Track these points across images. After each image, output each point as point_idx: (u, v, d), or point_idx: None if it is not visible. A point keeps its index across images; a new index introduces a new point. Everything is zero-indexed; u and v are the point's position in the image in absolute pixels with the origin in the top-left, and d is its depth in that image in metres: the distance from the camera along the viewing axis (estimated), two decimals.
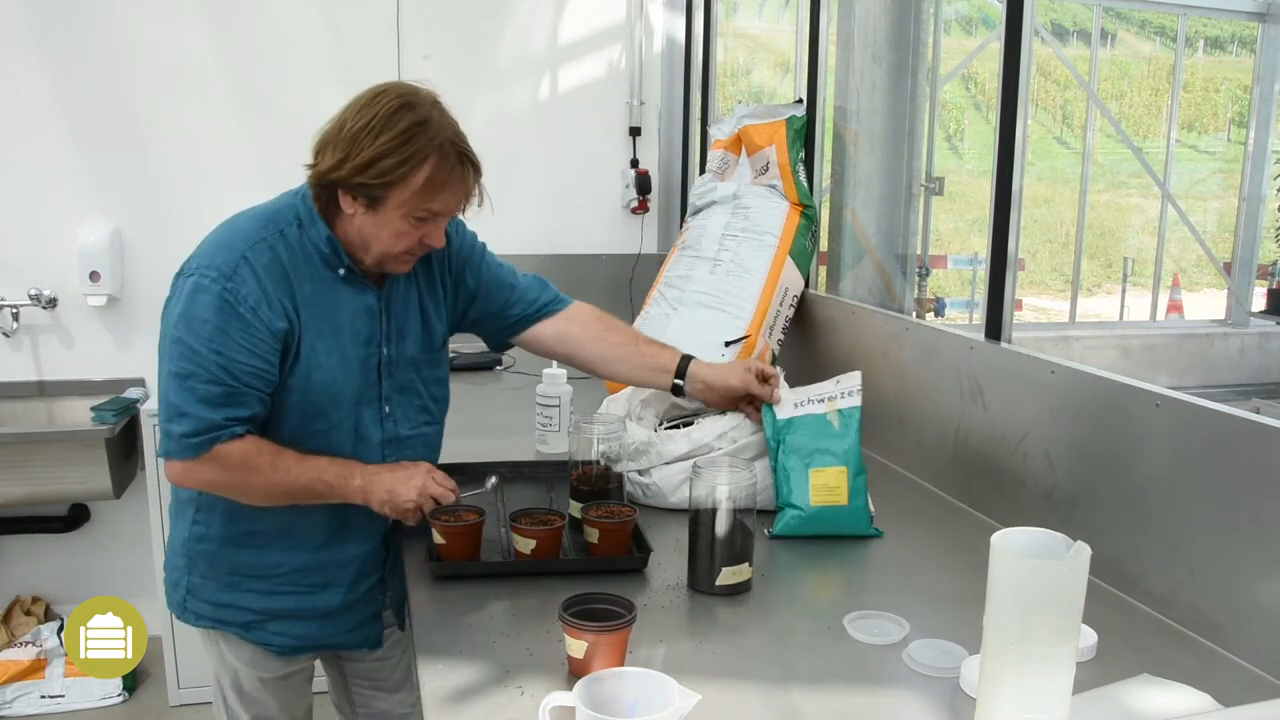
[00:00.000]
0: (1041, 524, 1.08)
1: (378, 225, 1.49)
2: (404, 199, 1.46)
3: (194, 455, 1.46)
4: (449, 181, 1.47)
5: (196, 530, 1.62)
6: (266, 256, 1.48)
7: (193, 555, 1.63)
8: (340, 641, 1.73)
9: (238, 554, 1.61)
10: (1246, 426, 1.33)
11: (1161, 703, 1.16)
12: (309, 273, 1.52)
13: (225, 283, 1.45)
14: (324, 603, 1.66)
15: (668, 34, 3.63)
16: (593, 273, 3.56)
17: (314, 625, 1.67)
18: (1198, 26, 11.59)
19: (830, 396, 1.78)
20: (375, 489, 1.52)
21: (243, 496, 1.53)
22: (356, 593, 1.68)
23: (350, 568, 1.66)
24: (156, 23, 3.18)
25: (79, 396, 3.23)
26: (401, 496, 1.52)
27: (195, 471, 1.48)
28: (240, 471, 1.48)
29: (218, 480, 1.50)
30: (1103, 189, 11.41)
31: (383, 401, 1.62)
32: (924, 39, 2.62)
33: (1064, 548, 1.00)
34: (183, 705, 3.04)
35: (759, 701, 1.20)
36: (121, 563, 3.27)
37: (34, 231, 3.18)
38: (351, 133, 1.44)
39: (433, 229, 1.52)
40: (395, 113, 1.44)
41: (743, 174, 2.69)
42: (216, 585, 1.63)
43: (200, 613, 1.66)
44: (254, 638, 1.66)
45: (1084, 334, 5.22)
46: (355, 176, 1.44)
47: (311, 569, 1.63)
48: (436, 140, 1.45)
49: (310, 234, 1.52)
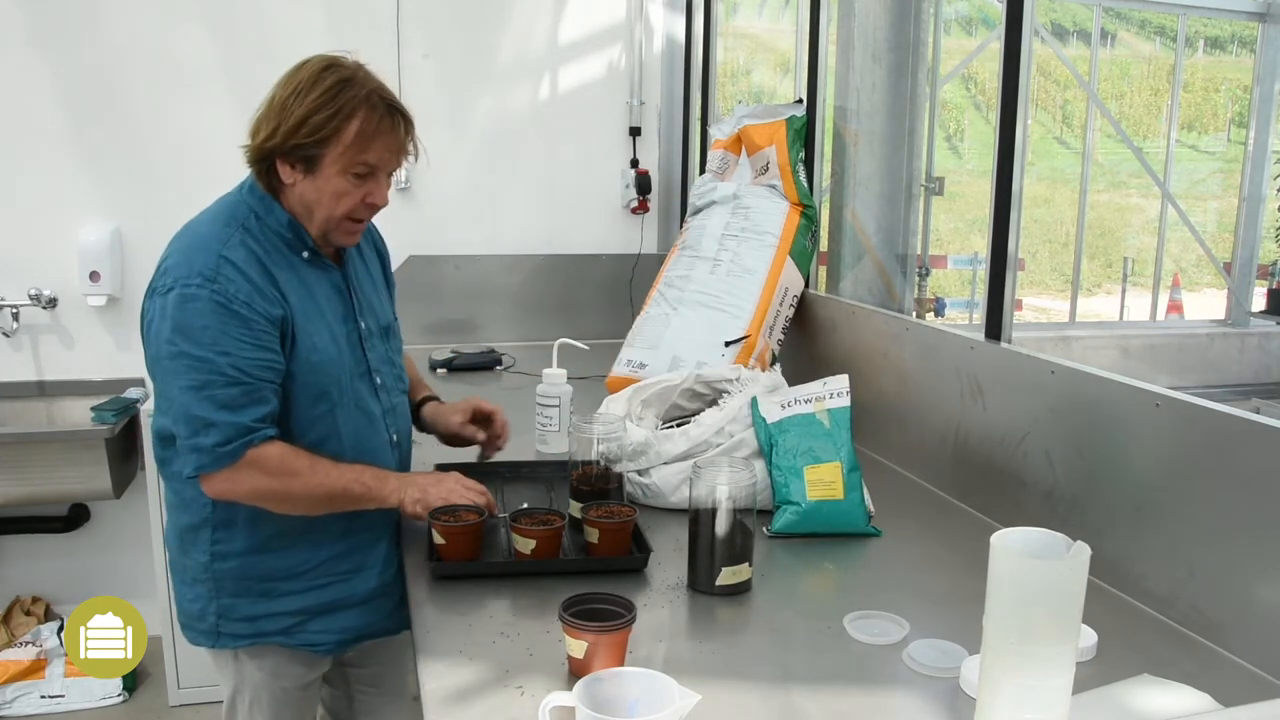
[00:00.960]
0: (1041, 524, 1.08)
1: (318, 188, 1.51)
2: (338, 154, 1.49)
3: (230, 463, 1.45)
4: (379, 132, 1.50)
5: (218, 549, 1.59)
6: (241, 252, 1.50)
7: (219, 576, 1.60)
8: (381, 628, 1.73)
9: (267, 560, 1.60)
10: (1246, 426, 1.33)
11: (1161, 703, 1.16)
12: (280, 260, 1.54)
13: (212, 286, 1.45)
14: (360, 588, 1.66)
15: (668, 34, 3.63)
16: (593, 273, 3.56)
17: (354, 615, 1.67)
18: (1198, 26, 11.58)
19: (818, 397, 1.79)
20: (409, 489, 1.57)
21: (284, 504, 1.52)
22: (389, 573, 1.70)
23: (379, 547, 1.68)
24: (157, 23, 3.18)
25: (79, 396, 3.23)
26: (433, 495, 1.57)
27: (238, 480, 1.47)
28: (281, 476, 1.49)
29: (261, 487, 1.49)
30: (1103, 189, 11.41)
31: (372, 373, 1.66)
32: (924, 39, 2.62)
33: (1064, 548, 1.00)
34: (183, 705, 3.04)
35: (759, 701, 1.20)
36: (121, 563, 3.27)
37: (34, 231, 3.18)
38: (280, 101, 1.49)
39: (374, 186, 1.54)
40: (320, 73, 1.49)
41: (743, 174, 2.69)
42: (251, 599, 1.61)
43: (238, 633, 1.63)
44: (296, 642, 1.64)
45: (1084, 334, 5.22)
46: (290, 139, 1.47)
47: (342, 556, 1.64)
48: (363, 92, 1.49)
49: (270, 222, 1.54)
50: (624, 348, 2.62)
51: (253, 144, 1.52)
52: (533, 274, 3.53)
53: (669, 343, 2.49)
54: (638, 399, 1.96)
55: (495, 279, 3.49)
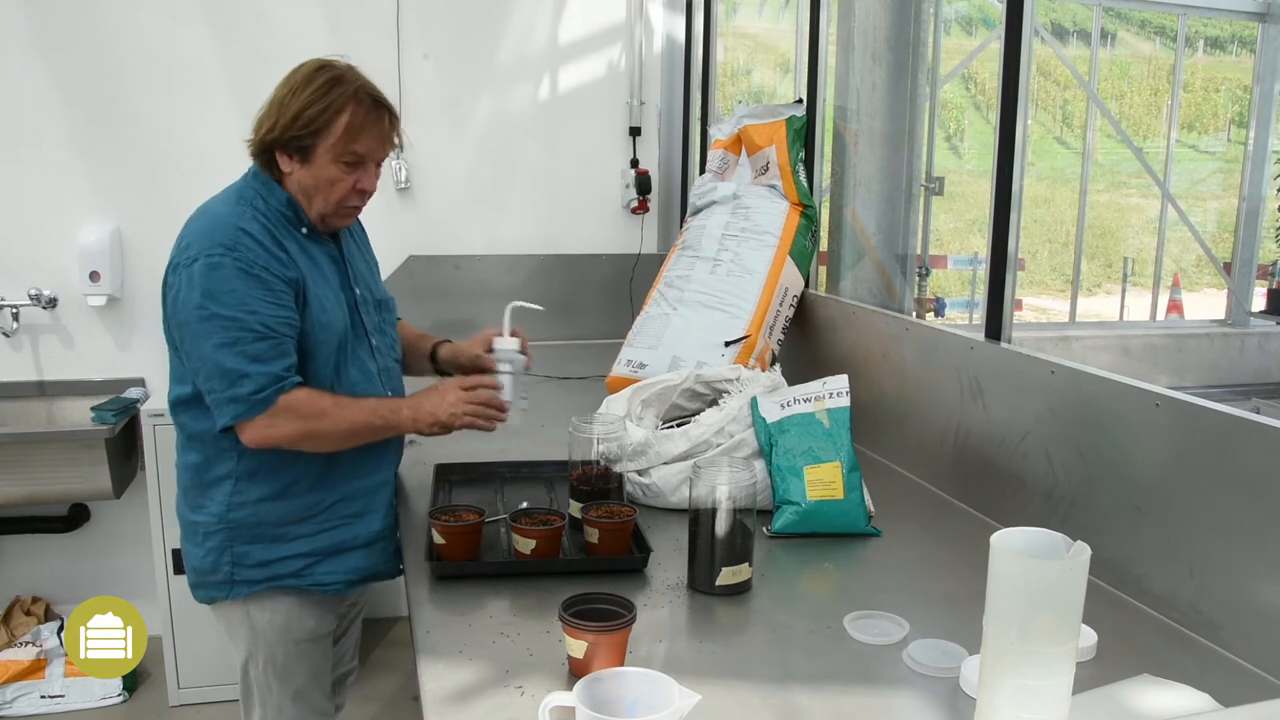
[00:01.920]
0: (1041, 524, 1.08)
1: (313, 176, 1.68)
2: (330, 144, 1.66)
3: (266, 409, 1.60)
4: (367, 124, 1.67)
5: (237, 499, 1.71)
6: (255, 224, 1.65)
7: (234, 526, 1.72)
8: (385, 569, 1.85)
9: (284, 505, 1.72)
10: (1246, 426, 1.33)
11: (1161, 703, 1.16)
12: (285, 233, 1.70)
13: (234, 254, 1.60)
14: (366, 529, 1.80)
15: (668, 34, 3.63)
16: (593, 273, 3.56)
17: (360, 556, 1.80)
18: (1198, 26, 11.59)
19: (817, 396, 1.79)
20: (421, 415, 1.70)
21: (315, 441, 1.67)
22: (391, 517, 1.84)
23: (382, 493, 1.82)
24: (157, 23, 3.18)
25: (79, 396, 3.23)
26: (445, 413, 1.69)
27: (275, 426, 1.61)
28: (312, 417, 1.63)
29: (296, 430, 1.63)
30: (1103, 189, 11.42)
31: (369, 336, 1.81)
32: (924, 39, 2.62)
33: (1064, 548, 1.00)
34: (183, 705, 3.04)
35: (759, 701, 1.20)
36: (121, 563, 3.27)
37: (34, 231, 3.18)
38: (278, 99, 1.67)
39: (364, 174, 1.71)
40: (313, 73, 1.67)
41: (743, 174, 2.69)
42: (264, 544, 1.73)
43: (252, 579, 1.74)
44: (307, 583, 1.76)
45: (1084, 334, 5.22)
46: (286, 132, 1.65)
47: (350, 498, 1.77)
48: (351, 89, 1.66)
49: (272, 202, 1.70)
50: (624, 348, 2.62)
51: (255, 138, 1.69)
52: (533, 274, 3.53)
53: (669, 343, 2.49)
54: (638, 399, 1.96)
55: (495, 279, 3.48)
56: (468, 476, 1.96)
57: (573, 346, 3.40)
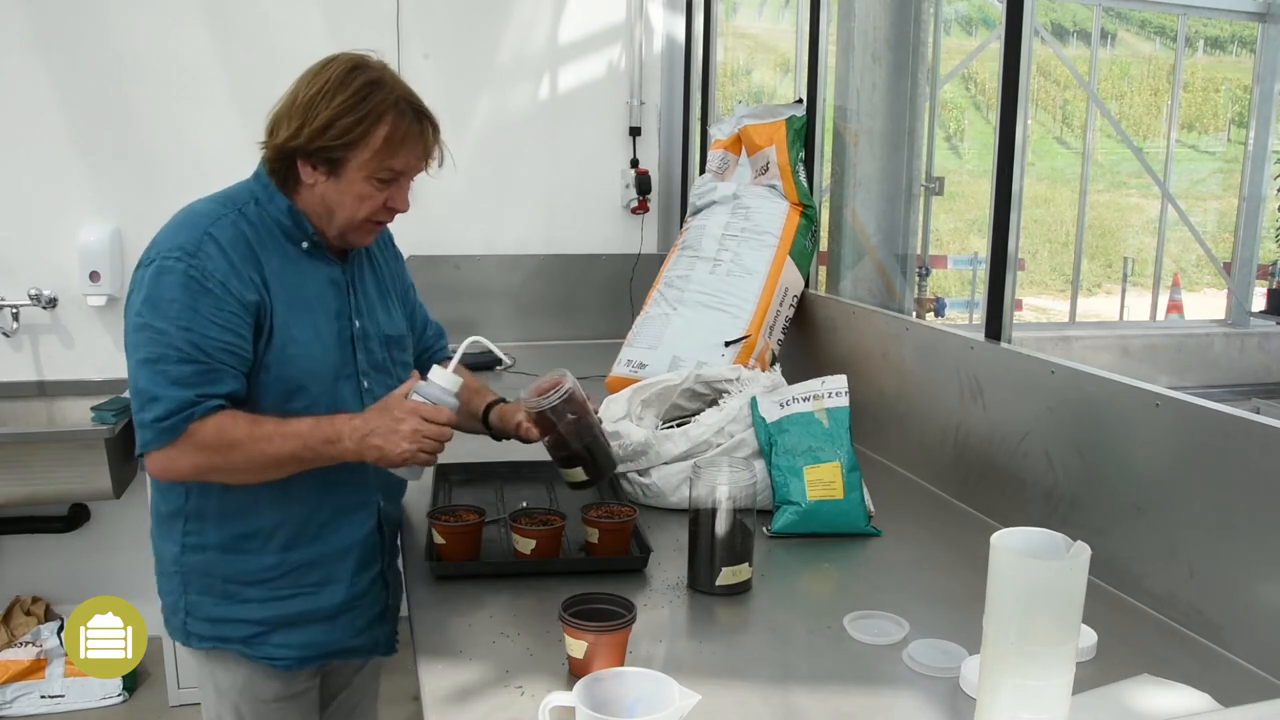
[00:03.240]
0: (1041, 524, 1.08)
1: (340, 191, 1.48)
2: (364, 159, 1.45)
3: (171, 439, 1.38)
4: (408, 137, 1.47)
5: (189, 541, 1.54)
6: (230, 232, 1.45)
7: (186, 571, 1.55)
8: (349, 647, 1.64)
9: (234, 560, 1.54)
10: (1246, 426, 1.33)
11: (1161, 703, 1.16)
12: (273, 246, 1.49)
13: (190, 260, 1.41)
14: (326, 601, 1.58)
15: (668, 34, 3.63)
16: (593, 273, 3.56)
17: (319, 630, 1.59)
18: (1198, 26, 11.59)
19: (816, 395, 1.79)
20: (366, 448, 1.42)
21: (231, 476, 1.45)
22: (358, 587, 1.61)
23: (349, 559, 1.59)
24: (157, 23, 3.18)
25: (79, 396, 3.22)
26: (393, 452, 1.41)
27: (176, 459, 1.40)
28: (220, 450, 1.40)
29: (200, 464, 1.41)
30: (1103, 189, 11.42)
31: (360, 377, 1.57)
32: (924, 39, 2.62)
33: (1064, 548, 1.00)
34: (183, 705, 3.03)
35: (759, 701, 1.20)
36: (121, 563, 3.27)
37: (34, 231, 3.18)
38: (305, 100, 1.44)
39: (396, 191, 1.51)
40: (348, 74, 1.44)
41: (743, 174, 2.69)
42: (214, 599, 1.55)
43: (201, 633, 1.57)
44: (256, 653, 1.56)
45: (1084, 334, 5.22)
46: (314, 141, 1.43)
47: (310, 565, 1.56)
48: (392, 97, 1.45)
49: (269, 209, 1.50)
50: (624, 348, 2.62)
51: (272, 142, 1.47)
52: (533, 274, 3.53)
53: (669, 343, 2.49)
54: (638, 399, 1.96)
55: (495, 279, 3.49)
56: (468, 476, 1.96)
57: (573, 346, 3.41)
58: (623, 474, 1.85)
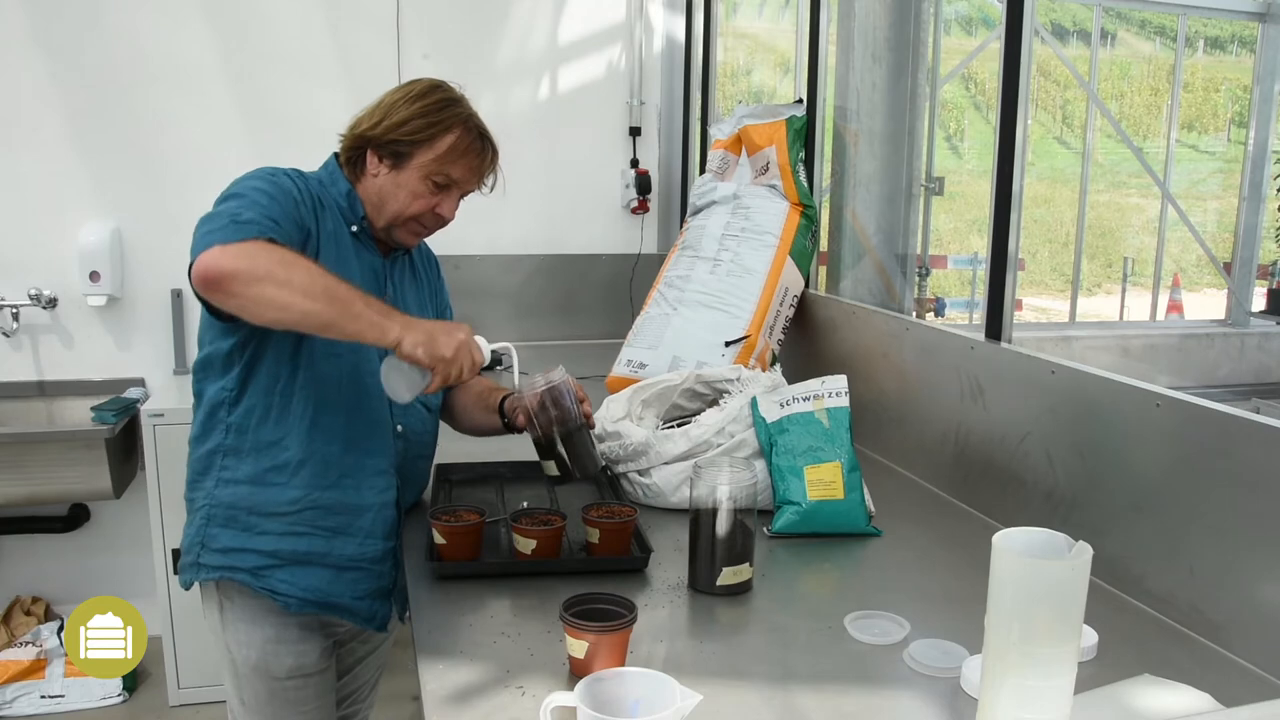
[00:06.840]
0: (1042, 524, 1.08)
1: (397, 184, 1.63)
2: (427, 159, 1.62)
3: (242, 237, 1.39)
4: (469, 152, 1.65)
5: (224, 476, 1.61)
6: (302, 183, 1.60)
7: (214, 504, 1.62)
8: (347, 605, 1.68)
9: (260, 493, 1.61)
10: (1246, 426, 1.33)
11: (1162, 703, 1.16)
12: (330, 217, 1.63)
13: (270, 176, 1.55)
14: (338, 550, 1.64)
15: (668, 34, 3.64)
16: (593, 273, 3.56)
17: (325, 576, 1.65)
18: (1198, 26, 11.58)
19: (815, 395, 1.79)
20: (416, 331, 1.44)
21: (279, 291, 1.36)
22: (369, 550, 1.67)
23: (364, 517, 1.66)
24: (157, 23, 3.18)
25: (79, 396, 3.23)
26: (441, 345, 1.45)
27: (237, 255, 1.36)
28: (284, 263, 1.38)
29: (258, 267, 1.36)
30: (1103, 189, 11.41)
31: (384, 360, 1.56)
32: (924, 39, 2.62)
33: (1065, 548, 1.00)
34: (183, 705, 3.04)
35: (759, 701, 1.20)
36: (121, 563, 3.27)
37: (34, 231, 3.19)
38: (389, 102, 1.65)
39: (446, 199, 1.66)
40: (430, 89, 1.67)
41: (743, 174, 2.69)
42: (233, 531, 1.62)
43: (211, 564, 1.63)
44: (261, 584, 1.62)
45: (1084, 334, 5.22)
46: (388, 133, 1.61)
47: (327, 510, 1.63)
48: (464, 114, 1.66)
49: (331, 190, 1.65)
50: (624, 348, 2.62)
51: (352, 131, 1.65)
52: (533, 274, 3.53)
53: (669, 343, 2.49)
54: (638, 399, 1.96)
55: (495, 279, 3.49)
56: (468, 476, 1.96)
57: (573, 346, 3.41)
58: (623, 474, 1.85)
